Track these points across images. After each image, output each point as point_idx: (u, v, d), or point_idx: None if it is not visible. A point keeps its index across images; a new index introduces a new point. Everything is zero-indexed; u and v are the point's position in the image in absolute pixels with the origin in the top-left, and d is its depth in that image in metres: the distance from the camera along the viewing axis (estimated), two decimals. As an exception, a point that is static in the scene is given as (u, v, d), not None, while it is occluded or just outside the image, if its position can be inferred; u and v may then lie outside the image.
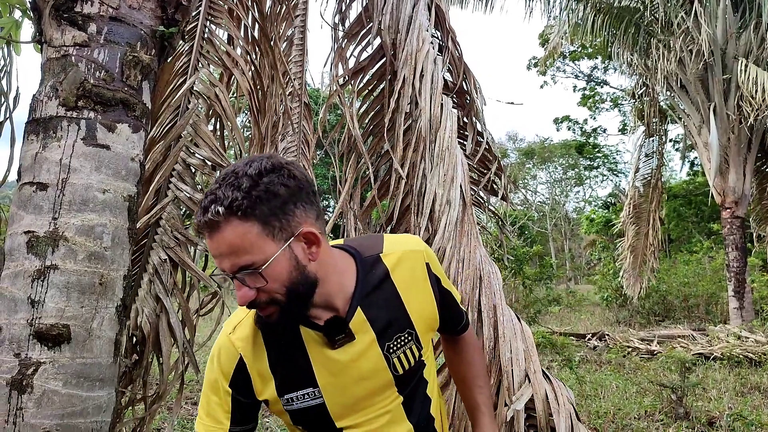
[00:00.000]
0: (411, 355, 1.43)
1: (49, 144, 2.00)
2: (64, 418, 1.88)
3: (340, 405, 1.40)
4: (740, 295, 12.91)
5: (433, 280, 1.49)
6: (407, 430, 1.47)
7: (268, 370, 1.39)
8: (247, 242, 1.20)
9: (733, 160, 13.02)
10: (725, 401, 6.41)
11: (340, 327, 1.35)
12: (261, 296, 1.25)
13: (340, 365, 1.37)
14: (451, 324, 1.64)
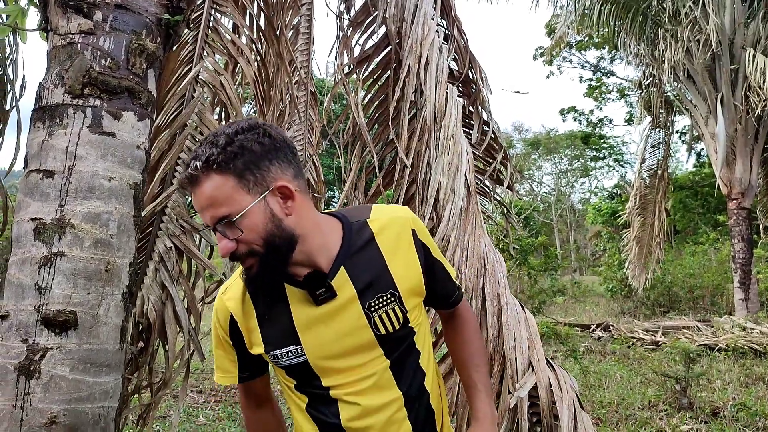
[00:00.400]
0: (394, 316, 1.45)
1: (56, 132, 2.01)
2: (71, 403, 1.90)
3: (323, 363, 1.44)
4: (746, 287, 12.88)
5: (419, 246, 1.51)
6: (396, 397, 1.47)
7: (257, 327, 1.47)
8: (224, 194, 1.29)
9: (740, 151, 12.95)
10: (729, 392, 6.41)
11: (319, 281, 1.40)
12: (240, 248, 1.32)
13: (321, 322, 1.42)
14: (442, 296, 1.64)
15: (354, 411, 1.46)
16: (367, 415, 1.45)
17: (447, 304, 1.67)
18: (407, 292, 1.48)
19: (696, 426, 5.23)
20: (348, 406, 1.46)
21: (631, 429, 5.15)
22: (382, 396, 1.46)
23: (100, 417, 1.98)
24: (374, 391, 1.46)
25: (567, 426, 2.03)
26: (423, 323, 1.58)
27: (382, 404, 1.46)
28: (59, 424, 1.87)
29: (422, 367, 1.53)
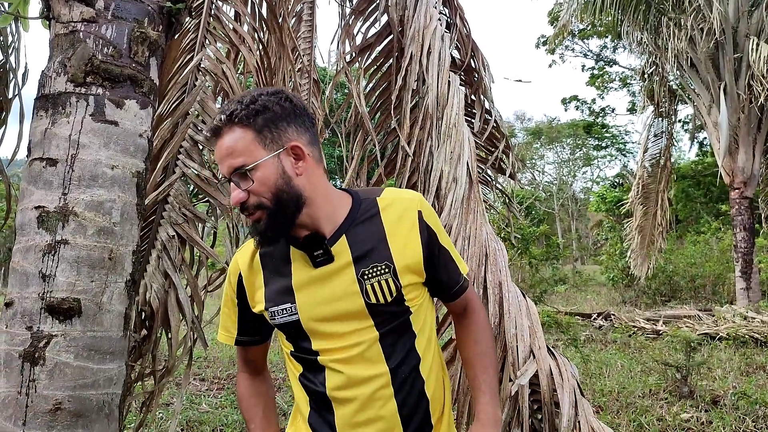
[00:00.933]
0: (386, 287, 1.48)
1: (58, 120, 2.01)
2: (75, 389, 1.91)
3: (313, 324, 1.49)
4: (747, 276, 12.89)
5: (423, 227, 1.54)
6: (382, 371, 1.48)
7: (262, 284, 1.55)
8: (242, 146, 1.40)
9: (742, 140, 12.92)
10: (730, 380, 6.44)
11: (317, 243, 1.47)
12: (251, 199, 1.41)
13: (316, 284, 1.49)
14: (446, 284, 1.64)
15: (339, 380, 1.48)
16: (351, 386, 1.48)
17: (450, 294, 1.66)
18: (403, 268, 1.50)
19: (696, 414, 5.25)
20: (334, 374, 1.49)
21: (632, 417, 5.18)
22: (368, 368, 1.48)
23: (104, 403, 2.00)
24: (360, 362, 1.48)
25: (567, 413, 2.04)
26: (424, 307, 1.58)
27: (367, 376, 1.48)
28: (64, 410, 1.89)
29: (417, 351, 1.54)
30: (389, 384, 1.49)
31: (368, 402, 1.48)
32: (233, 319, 1.65)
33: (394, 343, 1.51)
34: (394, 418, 1.50)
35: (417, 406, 1.53)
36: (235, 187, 1.42)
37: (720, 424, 4.95)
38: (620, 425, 4.97)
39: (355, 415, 1.49)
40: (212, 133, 1.45)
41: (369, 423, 1.49)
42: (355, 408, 1.49)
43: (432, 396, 1.56)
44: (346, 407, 1.49)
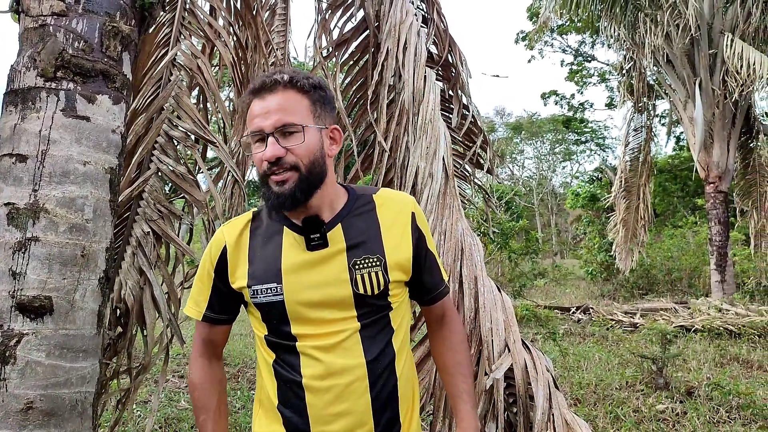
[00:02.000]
0: (375, 279, 1.50)
1: (28, 115, 1.98)
2: (47, 388, 1.89)
3: (297, 307, 1.48)
4: (722, 269, 13.08)
5: (414, 229, 1.60)
6: (360, 363, 1.49)
7: (246, 260, 1.55)
8: (297, 108, 1.47)
9: (717, 135, 13.09)
10: (704, 372, 6.54)
11: (315, 227, 1.50)
12: (289, 157, 1.44)
13: (306, 267, 1.50)
14: (427, 287, 1.67)
15: (316, 369, 1.48)
16: (328, 376, 1.48)
17: (430, 298, 1.70)
18: (394, 264, 1.53)
19: (671, 405, 5.33)
20: (311, 361, 1.48)
21: (609, 409, 5.24)
22: (346, 358, 1.48)
23: (77, 402, 1.98)
24: (339, 352, 1.48)
25: (542, 406, 2.06)
26: (402, 307, 1.61)
27: (344, 367, 1.48)
28: (36, 409, 1.86)
29: (393, 347, 1.55)
30: (365, 377, 1.49)
31: (343, 394, 1.48)
32: (205, 294, 1.63)
33: (374, 336, 1.52)
34: (367, 412, 1.50)
35: (389, 403, 1.54)
36: (273, 143, 1.43)
37: (694, 415, 5.02)
38: (597, 417, 5.02)
39: (328, 406, 1.48)
40: (263, 88, 1.47)
41: (341, 415, 1.49)
42: (330, 399, 1.48)
43: (402, 395, 1.57)
44: (320, 397, 1.48)
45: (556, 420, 2.04)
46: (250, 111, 1.50)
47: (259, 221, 1.60)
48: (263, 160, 1.45)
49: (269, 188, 1.47)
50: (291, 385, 1.51)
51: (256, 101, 1.48)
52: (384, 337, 1.54)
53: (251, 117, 1.49)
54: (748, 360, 7.25)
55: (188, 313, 1.68)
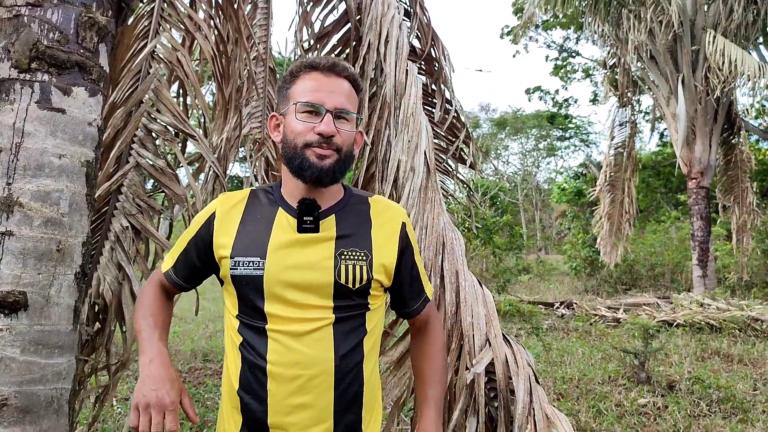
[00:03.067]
0: (359, 273, 1.51)
1: (2, 107, 1.94)
2: (22, 385, 1.86)
3: (275, 286, 1.48)
4: (704, 264, 13.22)
5: (402, 237, 1.63)
6: (328, 357, 1.47)
7: (234, 231, 1.56)
8: (354, 99, 1.59)
9: (699, 131, 13.21)
10: (686, 366, 6.60)
11: (311, 209, 1.53)
12: (337, 138, 1.51)
13: (293, 247, 1.51)
14: (407, 301, 1.69)
15: (282, 355, 1.46)
16: (293, 365, 1.46)
17: (409, 311, 1.71)
18: (379, 264, 1.54)
19: (653, 399, 5.38)
20: (279, 347, 1.47)
21: (591, 403, 5.28)
22: (316, 349, 1.47)
23: (53, 399, 1.95)
24: (309, 341, 1.47)
25: (522, 400, 2.06)
26: (378, 312, 1.61)
27: (312, 358, 1.46)
28: (10, 406, 1.83)
29: (364, 349, 1.54)
30: (332, 372, 1.47)
31: (307, 386, 1.46)
32: (174, 255, 1.68)
33: (347, 332, 1.51)
34: (328, 409, 1.48)
35: (351, 405, 1.52)
36: (331, 120, 1.50)
37: (675, 409, 5.07)
38: (580, 411, 5.06)
39: (289, 396, 1.46)
40: (332, 68, 1.55)
41: (301, 408, 1.46)
42: (292, 389, 1.46)
43: (366, 401, 1.55)
44: (282, 386, 1.46)
45: (537, 414, 2.04)
46: (307, 82, 1.54)
47: (256, 199, 1.63)
48: (315, 132, 1.49)
49: (307, 159, 1.50)
50: (255, 370, 1.49)
51: (318, 75, 1.54)
52: (356, 336, 1.53)
53: (309, 88, 1.52)
54: (728, 354, 7.33)
55: (162, 268, 1.72)
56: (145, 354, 1.52)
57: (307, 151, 1.50)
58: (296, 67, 1.59)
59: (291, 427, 1.46)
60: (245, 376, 1.51)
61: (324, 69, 1.54)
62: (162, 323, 1.64)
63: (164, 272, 1.70)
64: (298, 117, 1.51)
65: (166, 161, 2.80)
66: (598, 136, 40.71)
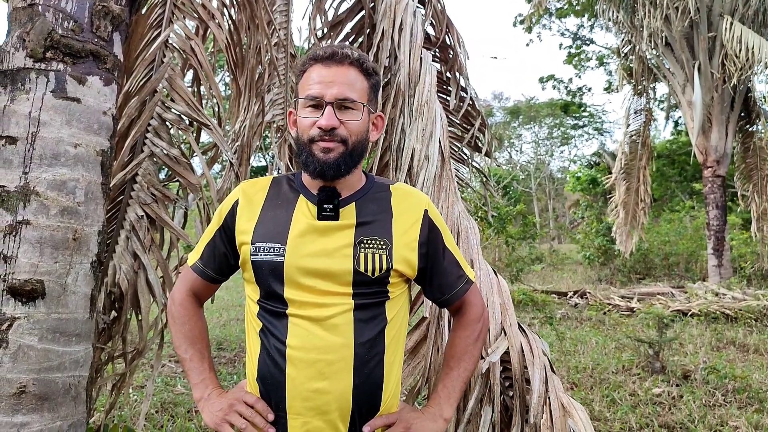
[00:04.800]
0: (378, 261, 1.49)
1: (18, 96, 1.95)
2: (40, 372, 1.88)
3: (295, 272, 1.48)
4: (719, 253, 13.11)
5: (425, 224, 1.59)
6: (348, 343, 1.46)
7: (255, 218, 1.56)
8: (360, 86, 1.53)
9: (716, 119, 13.06)
10: (701, 355, 6.56)
11: (331, 196, 1.52)
12: (341, 130, 1.49)
13: (313, 234, 1.51)
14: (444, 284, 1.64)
15: (302, 340, 1.45)
16: (313, 349, 1.45)
17: (448, 297, 1.66)
18: (399, 254, 1.52)
19: (667, 389, 5.35)
20: (299, 331, 1.46)
21: (605, 392, 5.26)
22: (335, 335, 1.46)
23: (70, 386, 1.96)
24: (329, 327, 1.46)
25: (538, 389, 2.05)
26: (399, 303, 1.58)
27: (331, 344, 1.45)
28: (29, 393, 1.85)
29: (385, 339, 1.52)
30: (351, 359, 1.46)
31: (326, 371, 1.45)
32: (201, 246, 1.67)
33: (366, 320, 1.49)
34: (346, 396, 1.46)
35: (370, 393, 1.50)
36: (331, 112, 1.48)
37: (690, 399, 5.04)
38: (594, 401, 5.04)
39: (308, 381, 1.45)
40: (332, 57, 1.52)
41: (320, 393, 1.45)
42: (311, 374, 1.45)
43: (385, 391, 1.53)
44: (301, 371, 1.45)
45: (553, 403, 2.03)
46: (310, 76, 1.52)
47: (278, 186, 1.62)
48: (316, 126, 1.48)
49: (312, 154, 1.50)
50: (274, 355, 1.48)
51: (319, 67, 1.52)
52: (377, 325, 1.51)
53: (310, 82, 1.51)
54: (744, 344, 7.28)
55: (189, 261, 1.71)
56: (198, 389, 1.61)
57: (312, 146, 1.50)
58: (303, 61, 1.59)
59: (309, 412, 1.46)
60: (264, 361, 1.50)
61: (323, 59, 1.52)
62: (205, 345, 1.68)
63: (192, 266, 1.68)
64: (301, 113, 1.52)
65: (180, 150, 2.81)
66: (612, 125, 40.45)
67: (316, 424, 1.46)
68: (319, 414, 1.46)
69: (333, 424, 1.47)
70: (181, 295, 1.69)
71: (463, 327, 1.69)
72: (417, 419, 1.58)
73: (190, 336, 1.66)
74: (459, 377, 1.66)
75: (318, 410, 1.46)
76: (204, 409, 1.58)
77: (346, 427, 1.49)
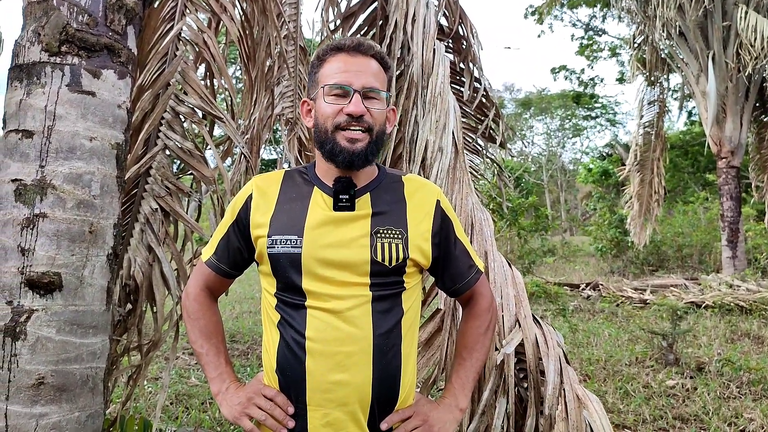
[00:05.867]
0: (395, 251, 1.50)
1: (34, 90, 1.96)
2: (58, 364, 1.90)
3: (313, 263, 1.48)
4: (733, 245, 13.01)
5: (438, 214, 1.61)
6: (366, 335, 1.46)
7: (271, 211, 1.57)
8: (381, 78, 1.57)
9: (730, 110, 12.93)
10: (715, 347, 6.52)
11: (346, 188, 1.53)
12: (368, 118, 1.51)
13: (329, 225, 1.52)
14: (455, 273, 1.65)
15: (321, 332, 1.46)
16: (332, 341, 1.45)
17: (459, 286, 1.67)
18: (415, 243, 1.54)
19: (681, 381, 5.33)
20: (317, 323, 1.46)
21: (618, 384, 5.24)
22: (354, 326, 1.46)
23: (88, 377, 1.98)
24: (347, 319, 1.46)
25: (553, 381, 2.05)
26: (414, 294, 1.59)
27: (349, 335, 1.46)
28: (47, 384, 1.87)
29: (401, 330, 1.52)
30: (370, 350, 1.46)
31: (345, 362, 1.45)
32: (215, 242, 1.67)
33: (384, 312, 1.50)
34: (366, 387, 1.47)
35: (389, 384, 1.51)
36: (359, 100, 1.50)
37: (704, 391, 5.02)
38: (607, 393, 5.03)
39: (328, 372, 1.45)
40: (357, 48, 1.55)
41: (340, 385, 1.45)
42: (330, 366, 1.45)
43: (403, 382, 1.54)
44: (321, 363, 1.45)
45: (567, 395, 2.03)
46: (334, 64, 1.54)
47: (291, 180, 1.63)
48: (344, 113, 1.49)
49: (337, 144, 1.50)
50: (294, 347, 1.48)
51: (344, 56, 1.54)
52: (394, 316, 1.52)
53: (335, 70, 1.52)
54: (759, 336, 7.23)
55: (203, 257, 1.71)
56: (215, 383, 1.62)
57: (337, 135, 1.50)
58: (322, 51, 1.59)
59: (329, 403, 1.46)
60: (283, 353, 1.51)
61: (350, 49, 1.54)
62: (220, 339, 1.69)
63: (206, 261, 1.68)
64: (326, 100, 1.52)
65: (193, 143, 2.81)
66: (624, 116, 40.15)
67: (336, 415, 1.47)
68: (339, 406, 1.47)
69: (353, 416, 1.48)
70: (195, 290, 1.70)
71: (474, 317, 1.71)
72: (433, 411, 1.60)
73: (206, 331, 1.68)
74: (472, 367, 1.68)
75: (338, 402, 1.46)
76: (222, 403, 1.59)
77: (366, 418, 1.49)
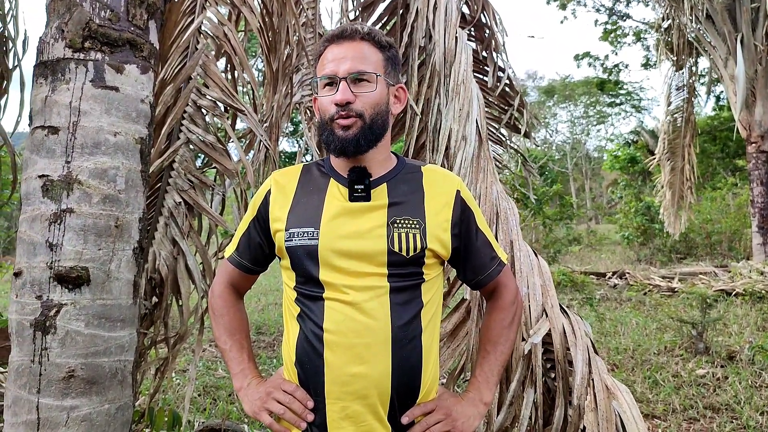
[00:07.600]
0: (413, 241, 1.48)
1: (58, 87, 1.98)
2: (88, 357, 1.92)
3: (330, 255, 1.48)
4: (764, 231, 12.75)
5: (458, 204, 1.58)
6: (384, 326, 1.45)
7: (289, 205, 1.57)
8: (371, 60, 1.53)
9: (760, 93, 12.65)
10: (746, 335, 6.41)
11: (361, 176, 1.53)
12: (356, 104, 1.49)
13: (345, 216, 1.51)
14: (478, 265, 1.63)
15: (340, 324, 1.45)
16: (349, 332, 1.44)
17: (482, 278, 1.65)
18: (432, 233, 1.51)
19: (712, 370, 5.25)
20: (336, 315, 1.45)
21: (647, 374, 5.18)
22: (372, 318, 1.44)
23: (117, 370, 2.00)
24: (365, 310, 1.45)
25: (581, 371, 2.02)
26: (434, 286, 1.57)
27: (368, 326, 1.44)
28: (77, 377, 1.89)
29: (422, 322, 1.50)
30: (388, 342, 1.44)
31: (363, 354, 1.43)
32: (237, 237, 1.69)
33: (402, 303, 1.48)
34: (385, 379, 1.44)
35: (409, 377, 1.48)
36: (345, 87, 1.48)
37: (736, 380, 4.94)
38: (635, 382, 4.97)
39: (346, 365, 1.44)
40: (342, 35, 1.53)
41: (359, 377, 1.44)
42: (349, 358, 1.44)
43: (424, 374, 1.51)
44: (339, 355, 1.44)
45: (596, 385, 2.00)
46: (324, 56, 1.54)
47: (309, 173, 1.63)
48: (332, 103, 1.49)
49: (333, 133, 1.50)
50: (312, 339, 1.47)
51: (332, 47, 1.53)
52: (413, 308, 1.49)
53: (324, 62, 1.53)
54: (791, 323, 7.09)
55: (226, 252, 1.74)
56: (237, 379, 1.64)
57: (333, 125, 1.50)
58: (319, 45, 1.60)
59: (347, 396, 1.45)
60: (302, 345, 1.50)
61: (334, 39, 1.54)
62: (245, 336, 1.71)
63: (228, 258, 1.70)
64: (320, 93, 1.54)
65: (216, 136, 2.82)
66: (650, 102, 39.55)
67: (355, 408, 1.45)
68: (358, 398, 1.45)
69: (372, 408, 1.46)
70: (220, 287, 1.72)
71: (498, 310, 1.68)
72: (456, 405, 1.57)
73: (230, 327, 1.69)
74: (496, 361, 1.65)
75: (357, 394, 1.45)
76: (244, 398, 1.60)
77: (386, 411, 1.47)
